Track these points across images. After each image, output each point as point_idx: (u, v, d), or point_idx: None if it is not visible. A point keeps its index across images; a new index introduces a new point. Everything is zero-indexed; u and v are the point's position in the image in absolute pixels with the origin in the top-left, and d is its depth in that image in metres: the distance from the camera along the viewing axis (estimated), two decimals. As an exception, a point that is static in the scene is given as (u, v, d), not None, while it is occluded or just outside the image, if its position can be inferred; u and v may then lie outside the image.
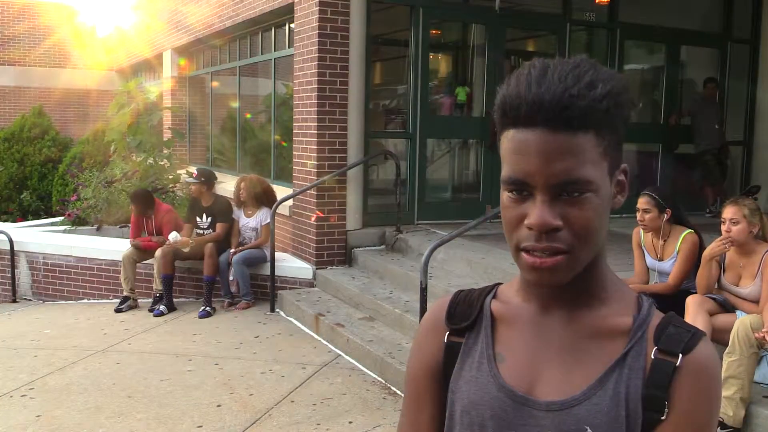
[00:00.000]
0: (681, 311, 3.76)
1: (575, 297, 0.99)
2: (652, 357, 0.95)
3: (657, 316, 0.99)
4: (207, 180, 7.14)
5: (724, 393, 3.51)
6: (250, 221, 7.16)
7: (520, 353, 1.01)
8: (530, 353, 1.00)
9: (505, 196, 0.94)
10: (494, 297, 1.08)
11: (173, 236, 6.80)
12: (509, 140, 0.92)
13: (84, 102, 17.14)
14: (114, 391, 4.75)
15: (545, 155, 0.88)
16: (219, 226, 7.01)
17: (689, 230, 4.28)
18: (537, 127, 0.89)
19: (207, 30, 10.26)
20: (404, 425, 1.11)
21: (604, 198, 0.92)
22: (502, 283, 1.12)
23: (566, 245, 0.90)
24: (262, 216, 7.10)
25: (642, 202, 4.31)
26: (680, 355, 0.94)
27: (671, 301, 3.78)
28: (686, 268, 4.22)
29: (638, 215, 4.32)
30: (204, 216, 7.08)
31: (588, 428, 0.93)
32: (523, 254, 0.92)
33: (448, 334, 1.08)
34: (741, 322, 3.64)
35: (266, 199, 7.18)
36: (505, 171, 0.93)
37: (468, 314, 1.07)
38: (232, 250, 6.97)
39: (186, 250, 6.87)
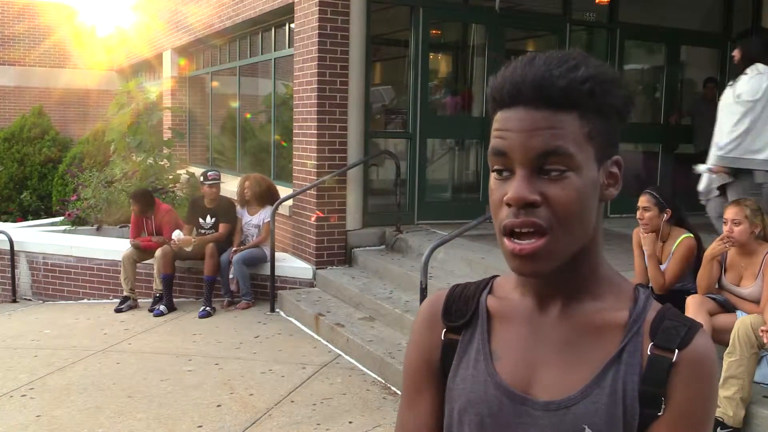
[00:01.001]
0: (680, 312, 3.76)
1: (571, 291, 0.99)
2: (648, 353, 0.94)
3: (653, 310, 0.98)
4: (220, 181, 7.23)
5: (725, 393, 3.51)
6: (253, 219, 7.17)
7: (517, 351, 1.01)
8: (527, 350, 1.00)
9: (492, 179, 0.95)
10: (490, 292, 1.08)
11: (177, 234, 6.79)
12: (496, 121, 0.95)
13: (84, 102, 17.14)
14: (114, 391, 4.75)
15: (525, 131, 0.90)
16: (222, 227, 7.01)
17: (688, 234, 4.27)
18: (519, 106, 0.91)
19: (207, 30, 10.27)
20: (404, 418, 1.11)
21: (587, 182, 0.92)
22: (498, 275, 1.11)
23: (545, 222, 0.90)
24: (265, 213, 7.10)
25: (642, 200, 4.30)
26: (676, 350, 0.93)
27: (671, 302, 3.78)
28: (678, 271, 4.22)
29: (638, 213, 4.32)
30: (208, 217, 7.08)
31: (586, 427, 0.93)
32: (506, 240, 0.93)
33: (445, 331, 1.08)
34: (741, 322, 3.63)
35: (270, 197, 7.20)
36: (489, 146, 0.95)
37: (464, 311, 1.07)
38: (234, 249, 6.97)
39: (189, 249, 6.88)
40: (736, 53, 4.77)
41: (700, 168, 4.76)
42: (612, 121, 0.94)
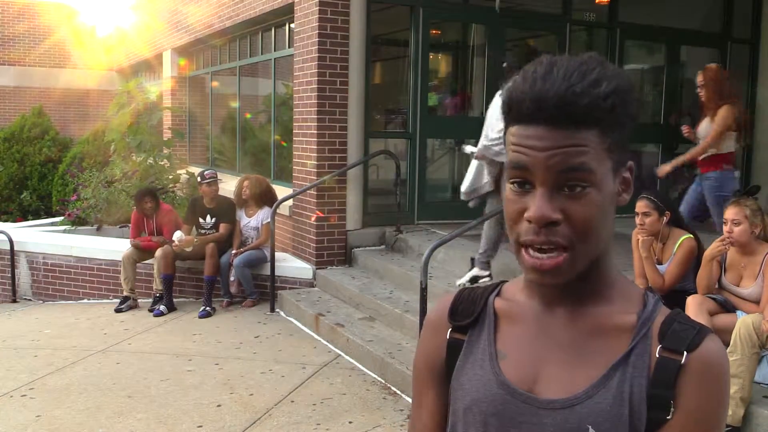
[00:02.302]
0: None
1: (580, 294, 0.98)
2: (657, 355, 0.94)
3: (662, 313, 0.98)
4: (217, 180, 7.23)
5: (724, 393, 3.50)
6: (251, 221, 7.16)
7: (523, 350, 1.01)
8: (533, 350, 1.00)
9: (508, 189, 0.94)
10: (498, 295, 1.08)
11: (178, 235, 6.79)
12: (513, 135, 0.93)
13: (84, 102, 17.14)
14: (114, 391, 4.75)
15: (547, 149, 0.89)
16: (222, 227, 7.01)
17: (688, 235, 4.26)
18: (540, 124, 0.89)
19: (207, 30, 10.26)
20: (412, 419, 1.14)
21: (606, 195, 0.92)
22: (507, 281, 1.11)
23: (565, 240, 0.90)
24: (263, 215, 7.10)
25: (641, 205, 4.24)
26: (685, 352, 0.92)
27: (671, 302, 3.77)
28: (679, 272, 4.21)
29: (637, 219, 4.24)
30: (208, 217, 7.08)
31: (590, 427, 0.92)
32: (524, 252, 0.92)
33: (451, 331, 1.08)
34: (743, 321, 3.63)
35: (268, 198, 7.20)
36: (508, 159, 0.94)
37: (471, 311, 1.07)
38: (234, 251, 6.97)
39: (189, 249, 6.88)
40: (506, 66, 5.35)
41: (467, 148, 5.28)
42: (627, 129, 0.94)
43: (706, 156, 5.46)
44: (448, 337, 1.08)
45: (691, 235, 4.27)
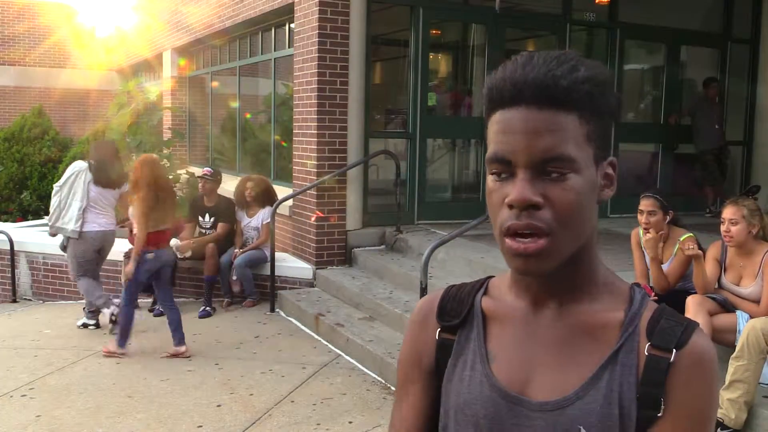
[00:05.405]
0: (681, 312, 3.75)
1: (566, 291, 0.98)
2: (646, 353, 0.94)
3: (649, 310, 0.98)
4: (220, 179, 7.21)
5: (729, 395, 3.50)
6: (252, 221, 7.17)
7: (513, 352, 1.00)
8: (523, 351, 1.00)
9: (490, 179, 0.95)
10: (485, 293, 1.08)
11: (174, 243, 6.79)
12: (495, 122, 0.94)
13: (84, 102, 17.14)
14: (114, 391, 4.75)
15: (529, 132, 0.90)
16: (220, 226, 7.01)
17: (689, 234, 4.26)
18: (521, 105, 0.91)
19: (207, 30, 10.27)
20: (393, 413, 1.13)
21: (587, 183, 0.92)
22: (494, 276, 1.11)
23: (547, 225, 0.90)
24: (264, 215, 7.10)
25: (647, 204, 4.23)
26: (674, 350, 0.93)
27: (671, 302, 3.77)
28: (681, 271, 4.21)
29: (642, 218, 4.23)
30: (207, 216, 7.08)
31: (581, 428, 0.92)
32: (507, 240, 0.92)
33: (440, 331, 1.08)
34: (752, 327, 3.60)
35: (269, 197, 7.21)
36: (489, 150, 0.94)
37: (458, 311, 1.07)
38: (237, 250, 6.98)
39: (188, 254, 6.89)
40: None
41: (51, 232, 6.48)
42: (606, 121, 0.95)
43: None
44: (437, 337, 1.07)
45: (691, 234, 4.27)
